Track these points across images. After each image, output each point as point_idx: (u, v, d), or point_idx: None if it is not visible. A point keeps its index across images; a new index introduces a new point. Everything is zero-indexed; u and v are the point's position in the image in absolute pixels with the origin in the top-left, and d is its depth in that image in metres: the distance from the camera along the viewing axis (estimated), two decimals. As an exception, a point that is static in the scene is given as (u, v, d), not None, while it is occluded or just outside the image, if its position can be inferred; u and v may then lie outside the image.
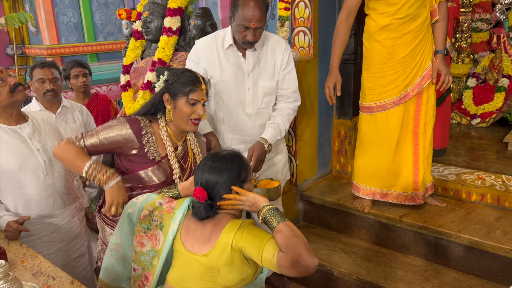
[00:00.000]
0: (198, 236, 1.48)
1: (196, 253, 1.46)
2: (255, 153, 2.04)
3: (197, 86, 1.76)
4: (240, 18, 1.95)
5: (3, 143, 1.94)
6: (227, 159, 1.52)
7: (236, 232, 1.40)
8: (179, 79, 1.77)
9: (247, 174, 1.53)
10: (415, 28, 2.31)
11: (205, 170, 1.50)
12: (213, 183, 1.48)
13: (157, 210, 1.59)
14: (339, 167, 3.27)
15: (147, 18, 2.53)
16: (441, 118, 3.16)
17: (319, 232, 2.91)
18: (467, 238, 2.31)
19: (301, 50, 2.87)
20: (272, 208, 1.43)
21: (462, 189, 2.71)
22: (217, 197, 1.49)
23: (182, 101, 1.75)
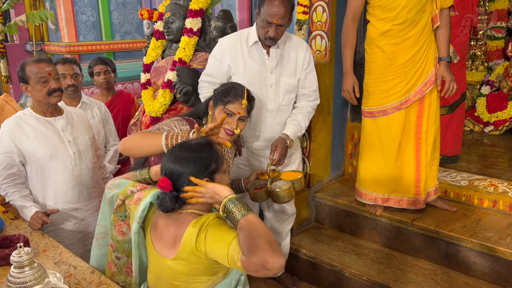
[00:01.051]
0: (165, 239, 1.41)
1: (165, 257, 1.40)
2: (278, 148, 2.09)
3: (237, 99, 1.85)
4: (264, 13, 2.03)
5: (38, 132, 2.07)
6: (194, 148, 1.41)
7: (198, 234, 1.30)
8: (225, 89, 1.87)
9: (218, 164, 1.41)
10: (415, 33, 2.34)
11: (170, 159, 1.40)
12: (178, 174, 1.37)
13: (128, 199, 1.55)
14: (351, 170, 3.30)
15: (168, 18, 2.59)
16: (453, 125, 3.18)
17: (330, 233, 2.95)
18: (478, 243, 2.33)
19: (318, 53, 2.91)
20: (235, 198, 1.30)
21: (474, 195, 2.72)
22: (182, 189, 1.38)
23: (219, 109, 1.85)
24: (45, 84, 2.03)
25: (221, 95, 1.87)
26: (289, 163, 2.43)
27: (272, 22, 2.03)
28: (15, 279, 1.44)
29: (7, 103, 2.76)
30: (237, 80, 2.20)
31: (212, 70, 2.25)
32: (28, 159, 2.08)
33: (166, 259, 1.40)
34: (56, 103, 2.11)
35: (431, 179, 2.62)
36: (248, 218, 1.25)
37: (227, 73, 2.22)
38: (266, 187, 2.04)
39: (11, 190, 2.09)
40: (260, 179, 2.15)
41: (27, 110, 2.12)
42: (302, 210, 2.98)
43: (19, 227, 2.05)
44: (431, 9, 2.36)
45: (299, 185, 2.08)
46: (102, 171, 2.46)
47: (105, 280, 1.62)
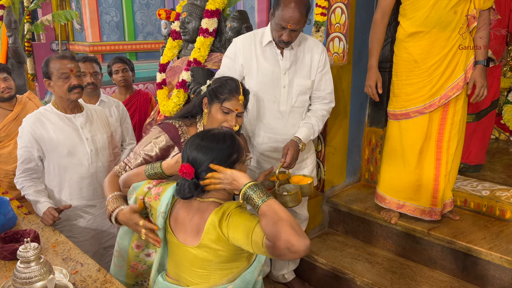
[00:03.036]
0: (188, 228, 1.43)
1: (188, 245, 1.42)
2: (290, 151, 2.06)
3: (233, 96, 1.79)
4: (279, 17, 1.99)
5: (58, 128, 2.12)
6: (218, 138, 1.42)
7: (221, 221, 1.33)
8: (219, 86, 1.81)
9: (239, 155, 1.43)
10: (444, 36, 2.27)
11: (192, 147, 1.42)
12: (200, 162, 1.39)
13: (146, 196, 1.55)
14: (368, 176, 3.23)
15: (185, 18, 2.59)
16: (479, 134, 3.05)
17: (343, 240, 2.88)
18: (498, 256, 2.23)
19: (335, 55, 2.86)
20: (253, 185, 1.31)
21: (496, 205, 2.61)
22: (203, 177, 1.40)
23: (216, 107, 1.79)
24: (66, 80, 2.06)
25: (216, 93, 1.80)
26: (303, 167, 2.39)
27: (286, 27, 1.99)
28: (20, 274, 1.46)
29: (30, 100, 2.83)
30: (250, 80, 2.18)
31: (225, 70, 2.23)
32: (47, 154, 2.12)
33: (190, 247, 1.41)
34: (76, 100, 2.14)
35: (448, 190, 2.54)
36: (268, 203, 1.26)
37: (240, 73, 2.20)
38: (273, 190, 2.01)
39: (27, 184, 2.13)
40: (269, 180, 2.11)
41: (48, 106, 2.17)
42: (316, 215, 2.93)
43: (32, 222, 2.08)
44: (465, 10, 2.26)
45: (308, 191, 2.03)
46: None
47: (110, 279, 1.62)
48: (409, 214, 2.56)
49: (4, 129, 2.63)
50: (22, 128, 2.12)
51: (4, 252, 1.71)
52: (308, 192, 2.04)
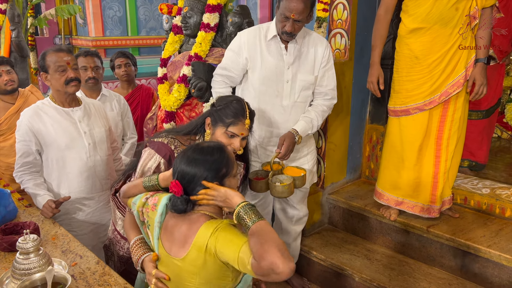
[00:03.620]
0: (175, 238, 1.41)
1: (174, 257, 1.40)
2: (286, 142, 2.06)
3: (239, 120, 1.73)
4: (283, 8, 2.01)
5: (55, 122, 2.12)
6: (206, 151, 1.41)
7: (211, 236, 1.31)
8: (225, 108, 1.75)
9: (228, 169, 1.41)
10: (445, 32, 2.26)
11: (183, 161, 1.41)
12: (189, 176, 1.38)
13: (144, 207, 1.54)
14: (368, 173, 3.23)
15: (186, 13, 2.59)
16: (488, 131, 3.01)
17: (343, 236, 2.89)
18: (496, 254, 2.23)
19: (337, 52, 2.86)
20: (247, 205, 1.31)
21: (496, 204, 2.61)
22: (194, 192, 1.39)
23: (220, 131, 1.73)
24: (63, 73, 2.06)
25: (221, 115, 1.74)
26: (303, 163, 2.39)
27: (290, 17, 2.00)
28: (19, 265, 1.47)
29: (32, 94, 2.84)
30: (253, 74, 2.18)
31: (228, 63, 2.23)
32: (45, 148, 2.13)
33: (175, 259, 1.39)
34: (73, 93, 2.14)
35: (447, 188, 2.54)
36: (258, 224, 1.27)
37: (243, 66, 2.19)
38: (267, 179, 2.02)
39: (26, 178, 2.13)
40: (262, 169, 2.13)
41: (46, 100, 2.17)
42: (315, 211, 2.93)
43: (32, 214, 2.09)
44: (466, 7, 2.24)
45: (300, 183, 2.05)
46: (117, 164, 2.49)
47: (108, 271, 1.64)
48: (408, 211, 2.56)
49: (6, 122, 2.65)
50: (20, 122, 2.12)
51: (4, 243, 1.72)
52: (300, 184, 2.06)
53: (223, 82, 2.28)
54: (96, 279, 1.58)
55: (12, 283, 1.47)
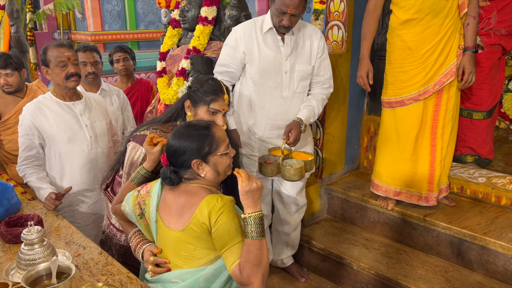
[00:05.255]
0: (173, 210, 1.48)
1: (172, 228, 1.46)
2: (294, 131, 2.12)
3: (219, 96, 1.78)
4: (279, 2, 2.03)
5: (57, 116, 2.16)
6: (193, 127, 1.49)
7: (211, 213, 1.38)
8: (202, 87, 1.79)
9: (211, 147, 1.46)
10: (436, 22, 2.28)
11: (172, 135, 1.50)
12: (174, 148, 1.47)
13: (138, 199, 1.58)
14: (366, 164, 3.26)
15: (184, 7, 2.61)
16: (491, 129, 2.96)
17: (341, 226, 2.93)
18: (492, 242, 2.27)
19: (334, 44, 2.88)
20: (259, 218, 1.36)
21: (492, 192, 2.64)
22: (177, 164, 1.47)
23: (203, 110, 1.78)
24: (64, 68, 2.10)
25: (200, 95, 1.79)
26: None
27: (286, 12, 2.03)
28: (25, 255, 1.51)
29: (39, 89, 2.89)
30: (251, 67, 2.21)
31: (226, 59, 2.25)
32: (47, 142, 2.16)
33: (174, 231, 1.45)
34: (73, 88, 2.18)
35: (444, 176, 2.58)
36: (260, 243, 1.35)
37: (241, 60, 2.22)
38: (278, 163, 2.08)
39: (29, 172, 2.17)
40: (270, 154, 2.19)
41: (47, 94, 2.21)
42: (314, 202, 2.97)
43: (35, 207, 2.13)
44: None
45: (309, 167, 2.14)
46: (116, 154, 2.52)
47: (111, 261, 1.67)
48: (406, 201, 2.59)
49: (15, 116, 2.69)
50: (22, 116, 2.16)
51: (9, 235, 1.76)
52: (310, 168, 2.15)
53: (223, 80, 2.31)
54: (99, 269, 1.62)
55: (17, 273, 1.51)
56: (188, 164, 1.45)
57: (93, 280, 1.55)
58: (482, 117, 2.86)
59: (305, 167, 2.12)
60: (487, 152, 2.92)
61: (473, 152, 2.93)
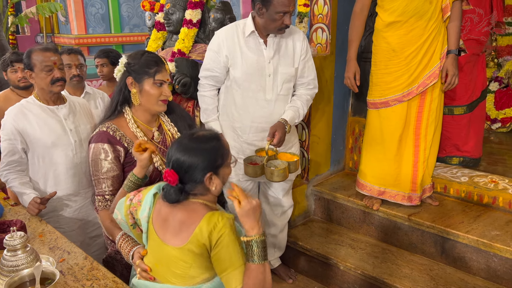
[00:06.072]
0: (170, 225, 1.41)
1: (169, 244, 1.40)
2: (278, 132, 2.13)
3: (161, 67, 1.74)
4: (278, 5, 2.05)
5: (41, 120, 2.12)
6: (202, 139, 1.40)
7: (211, 233, 1.31)
8: (142, 60, 1.74)
9: (223, 159, 1.40)
10: (420, 25, 2.33)
11: (178, 149, 1.38)
12: (185, 165, 1.35)
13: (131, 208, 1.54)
14: (352, 165, 3.29)
15: (169, 10, 2.61)
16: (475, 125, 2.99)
17: (328, 227, 2.95)
18: (474, 239, 2.31)
19: (319, 46, 2.91)
20: (261, 241, 1.29)
21: (474, 191, 2.69)
22: (189, 181, 1.37)
23: (148, 83, 1.73)
24: (49, 72, 2.08)
25: (143, 68, 1.72)
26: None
27: (288, 11, 2.07)
28: (7, 262, 1.48)
29: None
30: (235, 71, 2.22)
31: (210, 63, 2.26)
32: (31, 146, 2.13)
33: (171, 247, 1.39)
34: (58, 92, 2.15)
35: (427, 176, 2.62)
36: (264, 267, 1.30)
37: (225, 64, 2.23)
38: (262, 164, 2.09)
39: (12, 177, 2.14)
40: (256, 155, 2.20)
41: (30, 98, 2.17)
42: (301, 203, 2.99)
43: (18, 213, 2.09)
44: (439, 0, 2.32)
45: (294, 168, 2.15)
46: None
47: (96, 266, 1.65)
48: (390, 200, 2.63)
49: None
50: (4, 120, 2.12)
51: (-9, 241, 1.73)
52: (294, 169, 2.16)
53: (208, 85, 2.32)
54: (85, 274, 1.60)
55: (0, 280, 1.48)
56: (200, 179, 1.36)
57: (78, 285, 1.53)
58: (463, 112, 2.93)
59: (290, 168, 2.13)
60: (472, 148, 2.97)
61: (458, 151, 2.98)
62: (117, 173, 1.76)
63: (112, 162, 1.74)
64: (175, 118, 1.93)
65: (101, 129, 1.77)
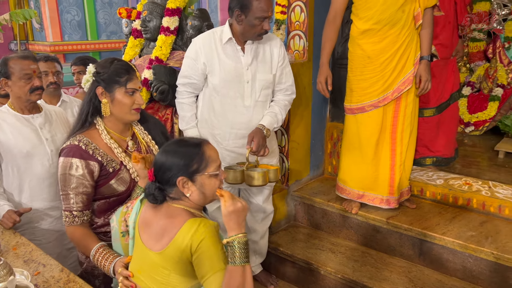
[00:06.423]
0: (152, 230, 1.42)
1: (150, 249, 1.40)
2: (256, 138, 2.14)
3: (132, 75, 1.69)
4: (257, 11, 2.08)
5: (15, 129, 2.07)
6: (182, 143, 1.44)
7: (193, 238, 1.30)
8: (112, 69, 1.68)
9: (200, 165, 1.38)
10: (394, 32, 2.39)
11: (161, 151, 1.45)
12: (160, 165, 1.40)
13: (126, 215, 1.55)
14: (331, 169, 3.33)
15: (146, 17, 2.60)
16: (444, 126, 3.07)
17: (308, 231, 2.97)
18: (450, 241, 2.36)
19: (296, 53, 2.94)
20: (244, 242, 1.29)
21: (449, 193, 2.76)
22: (164, 182, 1.39)
23: (120, 92, 1.67)
24: (29, 81, 2.03)
25: (113, 77, 1.67)
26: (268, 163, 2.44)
27: (268, 16, 2.09)
28: (-21, 276, 1.44)
29: None
30: (213, 78, 2.22)
31: (188, 70, 2.26)
32: (4, 157, 2.08)
33: (151, 252, 1.39)
34: (36, 101, 2.11)
35: (405, 179, 2.68)
36: (245, 269, 1.28)
37: (203, 71, 2.24)
38: (242, 170, 2.11)
39: None
40: (237, 164, 2.23)
41: (4, 107, 2.12)
42: (281, 208, 3.00)
43: (-9, 225, 2.04)
44: (411, 9, 2.38)
45: (274, 176, 2.17)
46: None
47: (73, 278, 1.62)
48: (369, 204, 2.67)
49: None
50: None
51: (-38, 256, 1.67)
52: (274, 178, 2.18)
53: (186, 92, 2.32)
54: (61, 287, 1.56)
55: (-29, 296, 1.44)
56: (173, 181, 1.37)
57: (54, 298, 1.50)
58: (432, 114, 3.01)
59: (270, 176, 2.15)
60: (442, 147, 3.04)
61: (429, 151, 3.05)
62: (87, 190, 1.70)
63: (82, 178, 1.68)
64: (148, 126, 1.89)
65: (73, 143, 1.70)
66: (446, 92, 2.99)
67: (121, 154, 1.73)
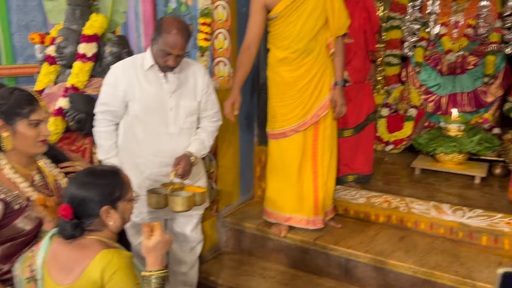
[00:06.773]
0: (63, 263, 1.36)
1: (60, 284, 1.34)
2: (182, 162, 2.11)
3: (36, 105, 1.58)
4: (163, 44, 2.02)
5: None
6: (98, 174, 1.40)
7: (105, 270, 1.28)
8: (12, 100, 1.55)
9: (122, 192, 1.40)
10: (309, 61, 2.51)
11: (74, 185, 1.38)
12: (79, 199, 1.34)
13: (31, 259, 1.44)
14: (260, 193, 3.34)
15: (61, 43, 2.48)
16: (363, 146, 3.29)
17: (239, 258, 2.94)
18: (372, 258, 2.46)
19: (221, 79, 2.96)
20: (163, 277, 1.32)
21: (371, 211, 2.89)
22: (84, 215, 1.35)
23: (23, 125, 1.55)
24: None
25: (14, 108, 1.54)
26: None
27: (172, 53, 2.03)
28: None
29: None
30: (134, 105, 2.15)
31: (107, 97, 2.18)
32: None
33: (60, 287, 1.33)
34: None
35: (328, 199, 2.76)
36: None
37: (123, 99, 2.16)
38: (166, 194, 2.02)
39: None
40: (160, 187, 2.13)
41: None
42: (211, 236, 2.95)
43: None
44: (324, 38, 2.52)
45: (200, 199, 2.10)
46: None
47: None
48: (296, 226, 2.71)
49: None
50: None
51: None
52: (200, 201, 2.11)
53: (106, 120, 2.22)
54: None
55: None
56: (96, 212, 1.35)
57: None
58: (351, 134, 3.21)
59: (196, 200, 2.09)
60: (362, 165, 3.24)
61: (350, 169, 3.22)
62: None
63: None
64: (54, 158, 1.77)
65: None
66: (362, 113, 3.19)
67: (28, 189, 1.60)
